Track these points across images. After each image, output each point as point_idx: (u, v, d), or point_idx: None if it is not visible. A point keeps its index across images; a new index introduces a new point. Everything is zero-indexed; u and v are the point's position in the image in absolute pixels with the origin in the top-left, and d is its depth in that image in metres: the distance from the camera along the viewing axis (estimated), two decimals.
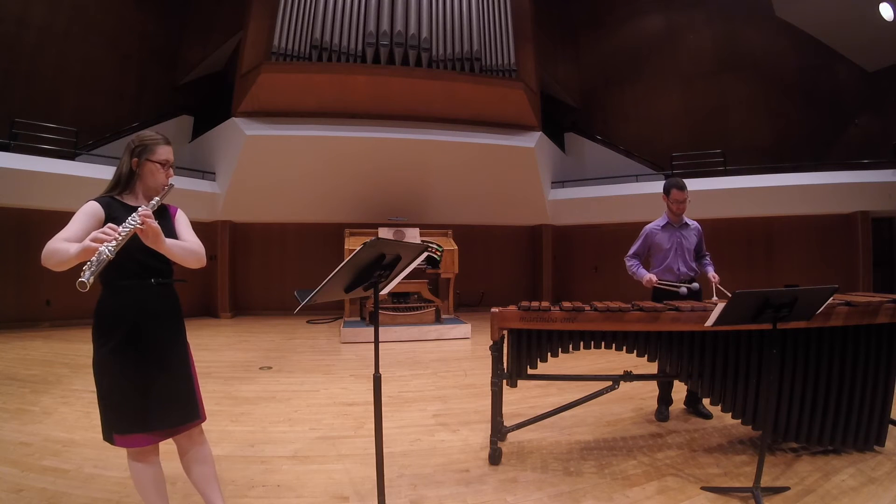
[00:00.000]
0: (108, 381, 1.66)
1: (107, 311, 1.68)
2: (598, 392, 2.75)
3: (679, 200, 3.37)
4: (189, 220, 1.92)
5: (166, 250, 1.63)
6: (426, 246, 2.14)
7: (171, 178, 1.82)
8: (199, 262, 1.78)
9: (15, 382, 4.17)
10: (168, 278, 1.79)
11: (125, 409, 1.64)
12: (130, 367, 1.65)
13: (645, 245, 3.51)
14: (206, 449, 1.88)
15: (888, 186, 7.70)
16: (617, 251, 9.61)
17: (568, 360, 3.36)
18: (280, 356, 5.50)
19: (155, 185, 1.79)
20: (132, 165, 1.77)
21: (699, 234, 3.51)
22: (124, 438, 1.66)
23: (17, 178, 6.54)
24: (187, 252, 1.73)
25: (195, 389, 1.82)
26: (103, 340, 1.66)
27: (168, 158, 1.80)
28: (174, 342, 1.79)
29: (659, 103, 10.45)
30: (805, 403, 2.58)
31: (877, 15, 8.08)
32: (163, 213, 1.83)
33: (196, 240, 1.82)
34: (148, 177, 1.78)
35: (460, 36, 8.08)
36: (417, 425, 3.25)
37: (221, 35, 9.58)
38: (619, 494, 2.27)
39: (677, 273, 3.38)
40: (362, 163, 8.32)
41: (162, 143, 1.80)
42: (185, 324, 1.87)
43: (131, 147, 1.78)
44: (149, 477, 1.73)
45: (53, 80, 7.94)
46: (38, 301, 7.39)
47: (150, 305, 1.72)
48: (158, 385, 1.69)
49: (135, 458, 1.72)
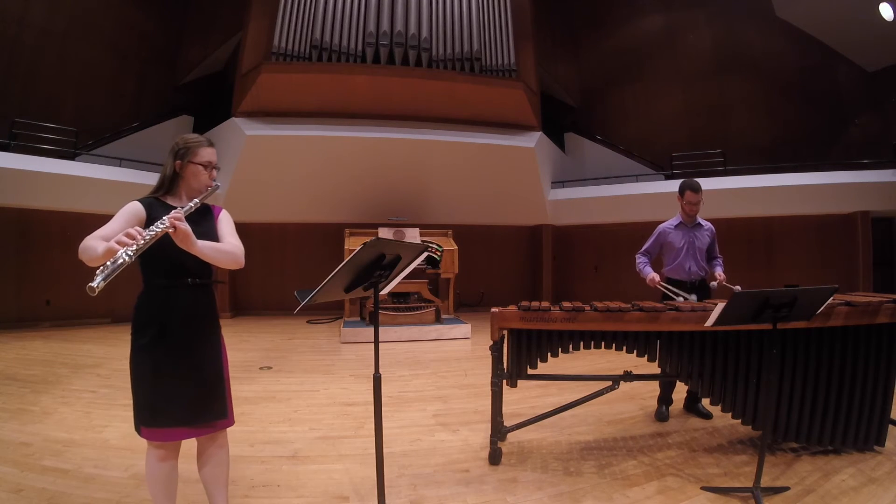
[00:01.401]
0: (139, 375, 1.71)
1: (143, 309, 1.73)
2: (598, 392, 2.75)
3: (693, 202, 3.40)
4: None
5: (198, 252, 1.63)
6: (426, 246, 2.14)
7: (214, 179, 1.86)
8: (236, 263, 1.77)
9: (15, 382, 4.17)
10: (205, 279, 1.80)
11: (152, 404, 1.68)
12: (161, 364, 1.69)
13: (657, 243, 3.53)
14: (226, 453, 1.89)
15: (888, 186, 7.70)
16: (617, 251, 9.71)
17: (568, 360, 3.36)
18: (280, 356, 5.50)
19: (198, 187, 1.82)
20: (175, 167, 1.81)
21: (712, 234, 3.53)
22: (150, 431, 1.69)
23: (17, 178, 6.53)
24: (221, 253, 1.73)
25: (225, 390, 1.82)
26: (138, 336, 1.72)
27: (211, 160, 1.84)
28: (207, 342, 1.81)
29: (659, 103, 10.44)
30: (805, 403, 2.58)
31: (877, 15, 8.08)
32: (205, 214, 1.86)
33: (236, 241, 1.83)
34: (191, 178, 1.81)
35: (460, 36, 8.08)
36: (417, 425, 3.25)
37: (221, 35, 9.57)
38: (619, 494, 2.27)
39: (688, 272, 3.41)
40: (362, 163, 8.31)
41: (205, 145, 1.84)
42: (220, 325, 1.89)
43: (175, 149, 1.82)
44: (162, 475, 1.73)
45: (53, 80, 7.93)
46: (38, 301, 7.39)
47: (185, 305, 1.75)
48: (187, 383, 1.71)
49: (154, 454, 1.73)
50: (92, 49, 8.41)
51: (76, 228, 9.15)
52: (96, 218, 7.16)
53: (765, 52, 9.58)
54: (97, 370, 4.65)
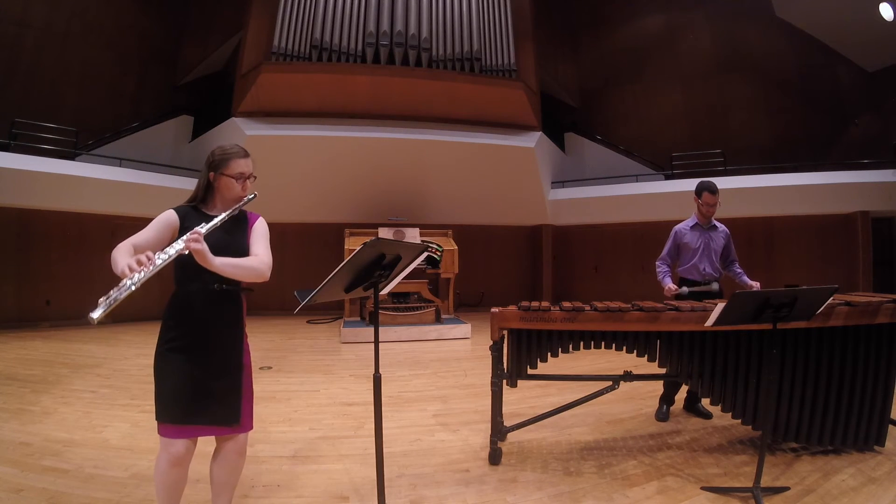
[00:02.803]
0: (159, 375, 1.74)
1: (171, 310, 1.76)
2: (598, 392, 2.75)
3: (710, 203, 3.40)
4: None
5: (215, 269, 1.63)
6: (426, 246, 2.14)
7: (247, 189, 1.88)
8: (259, 277, 1.77)
9: (15, 382, 4.17)
10: (232, 284, 1.80)
11: (167, 402, 1.70)
12: (181, 367, 1.71)
13: (674, 245, 3.54)
14: (241, 459, 1.88)
15: (888, 186, 7.70)
16: (617, 251, 9.72)
17: (568, 360, 3.36)
18: (280, 356, 5.50)
19: (232, 197, 1.85)
20: (209, 178, 1.84)
21: (727, 237, 3.53)
22: (164, 427, 1.70)
23: (17, 178, 6.54)
24: (240, 269, 1.72)
25: (241, 396, 1.81)
26: (165, 335, 1.75)
27: (243, 171, 1.85)
28: (230, 347, 1.81)
29: (659, 103, 10.45)
30: (805, 403, 2.58)
31: (877, 15, 8.08)
32: (240, 223, 1.89)
33: (265, 253, 1.84)
34: (224, 190, 1.84)
35: (460, 36, 8.08)
36: (417, 425, 3.25)
37: (221, 35, 9.58)
38: (619, 494, 2.27)
39: (702, 273, 3.42)
40: (362, 163, 8.31)
41: (239, 156, 1.86)
42: (245, 333, 1.89)
43: (209, 160, 1.85)
44: (170, 478, 1.72)
45: (53, 80, 7.93)
46: (38, 301, 7.39)
47: (211, 309, 1.76)
48: (206, 387, 1.72)
49: (165, 457, 1.71)
50: (92, 49, 8.42)
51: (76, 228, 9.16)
52: (96, 218, 7.21)
53: (765, 52, 9.59)
54: (97, 370, 4.65)
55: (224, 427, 1.78)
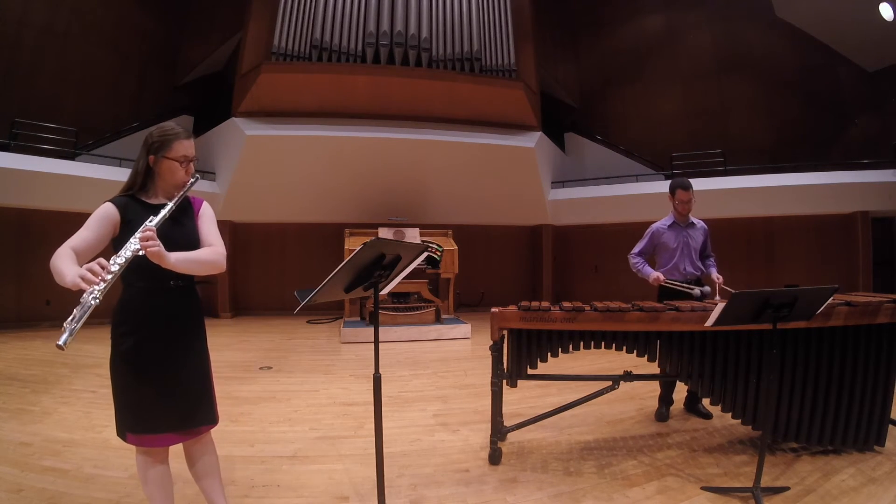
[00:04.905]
0: (122, 382, 1.64)
1: (123, 312, 1.65)
2: (598, 392, 2.75)
3: (684, 200, 3.38)
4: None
5: (172, 267, 1.53)
6: (426, 246, 2.14)
7: (191, 173, 1.71)
8: (215, 269, 1.67)
9: (15, 382, 4.17)
10: (187, 280, 1.72)
11: (136, 410, 1.62)
12: (144, 370, 1.62)
13: (651, 244, 3.51)
14: (212, 450, 1.86)
15: (888, 186, 7.70)
16: (617, 251, 9.61)
17: (568, 360, 3.36)
18: (280, 356, 5.50)
19: (175, 183, 1.68)
20: (149, 162, 1.66)
21: (706, 233, 3.52)
22: (136, 437, 1.64)
23: (17, 178, 6.53)
24: (199, 264, 1.62)
25: (210, 393, 1.78)
26: (118, 341, 1.64)
27: (187, 154, 1.68)
28: (191, 346, 1.74)
29: (659, 103, 10.44)
30: (805, 403, 2.58)
31: (877, 15, 8.08)
32: (185, 210, 1.74)
33: (216, 241, 1.73)
34: (167, 174, 1.67)
35: (460, 36, 8.08)
36: (417, 425, 3.25)
37: (221, 35, 9.58)
38: (619, 494, 2.27)
39: (683, 273, 3.38)
40: (362, 163, 8.31)
41: (181, 137, 1.67)
42: (205, 327, 1.82)
43: (148, 142, 1.66)
44: (156, 477, 1.70)
45: (53, 80, 7.93)
46: (38, 301, 7.38)
47: (168, 307, 1.67)
48: (172, 388, 1.65)
49: (144, 459, 1.70)
50: (92, 49, 8.41)
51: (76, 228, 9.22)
52: None
53: (765, 53, 9.58)
54: (97, 370, 4.65)
55: (201, 427, 1.75)
